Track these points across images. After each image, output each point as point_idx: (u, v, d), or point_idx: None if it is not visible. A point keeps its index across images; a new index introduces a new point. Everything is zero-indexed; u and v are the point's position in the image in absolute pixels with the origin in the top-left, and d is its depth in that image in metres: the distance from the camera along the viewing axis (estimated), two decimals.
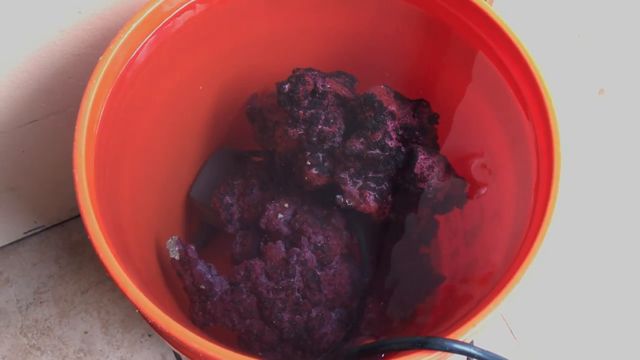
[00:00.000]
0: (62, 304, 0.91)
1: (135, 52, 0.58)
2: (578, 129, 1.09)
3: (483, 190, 0.69)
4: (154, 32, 0.59)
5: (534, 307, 0.92)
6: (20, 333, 0.89)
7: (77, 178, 0.50)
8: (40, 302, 0.91)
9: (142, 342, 0.89)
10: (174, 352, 0.70)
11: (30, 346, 0.88)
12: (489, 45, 0.61)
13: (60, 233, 0.97)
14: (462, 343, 0.44)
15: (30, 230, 0.95)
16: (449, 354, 0.47)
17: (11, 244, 0.95)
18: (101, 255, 0.47)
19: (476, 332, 0.46)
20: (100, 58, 0.55)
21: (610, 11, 1.07)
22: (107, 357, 0.88)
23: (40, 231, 0.96)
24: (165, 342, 0.87)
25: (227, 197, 0.72)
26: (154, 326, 0.48)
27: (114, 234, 0.52)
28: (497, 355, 0.45)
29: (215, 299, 0.61)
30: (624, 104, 1.11)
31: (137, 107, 0.62)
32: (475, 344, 0.56)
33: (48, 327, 0.90)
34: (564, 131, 0.55)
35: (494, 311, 0.47)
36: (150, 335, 0.89)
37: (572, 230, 0.98)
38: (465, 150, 0.71)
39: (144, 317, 0.50)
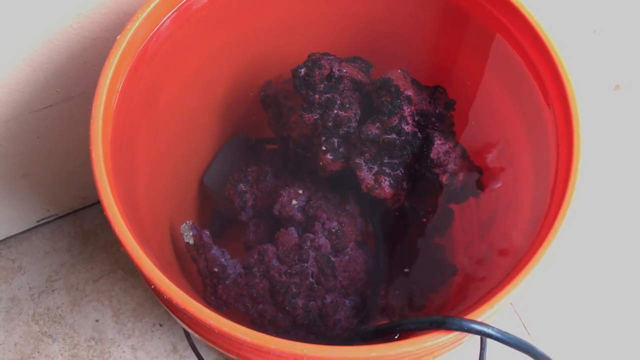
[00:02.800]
0: (73, 293, 0.91)
1: (154, 31, 0.58)
2: (594, 124, 1.08)
3: (498, 184, 0.68)
4: (172, 12, 0.59)
5: (549, 303, 0.91)
6: (32, 320, 0.89)
7: (93, 155, 0.49)
8: (52, 290, 0.92)
9: (153, 331, 0.89)
10: (186, 335, 0.70)
11: (42, 333, 0.88)
12: (508, 29, 0.60)
13: (73, 222, 0.97)
14: (481, 323, 0.44)
15: (43, 219, 0.95)
16: (465, 336, 0.47)
17: (24, 232, 0.96)
18: (118, 232, 0.47)
19: (493, 313, 0.45)
20: (119, 36, 0.55)
21: (626, 7, 1.06)
22: (118, 345, 0.87)
23: (53, 220, 0.96)
24: (177, 328, 0.87)
25: (241, 184, 0.72)
26: (168, 303, 0.48)
27: (131, 215, 0.52)
28: (514, 336, 0.44)
29: (228, 281, 0.61)
30: None
31: (154, 88, 0.62)
32: (488, 342, 0.56)
33: (60, 315, 0.90)
34: (582, 131, 0.55)
35: (511, 293, 0.46)
36: (161, 325, 0.89)
37: (588, 226, 0.97)
38: (482, 138, 0.70)
39: (158, 296, 0.50)
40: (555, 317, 0.90)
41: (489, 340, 0.57)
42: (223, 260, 0.62)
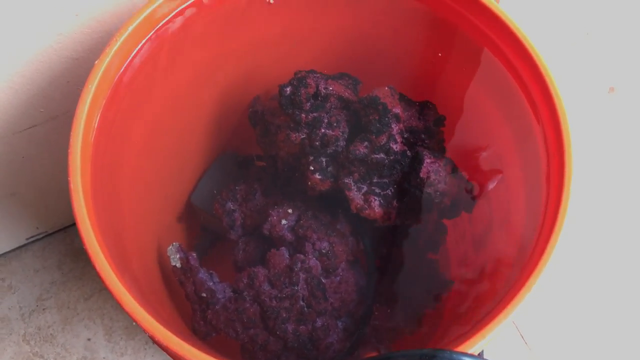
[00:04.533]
0: (65, 311, 0.90)
1: (133, 54, 0.56)
2: (588, 127, 1.07)
3: (493, 201, 0.67)
4: (151, 33, 0.57)
5: (547, 314, 0.90)
6: (23, 340, 0.88)
7: (72, 186, 0.48)
8: (43, 309, 0.90)
9: (146, 349, 0.87)
10: None
11: (33, 354, 0.87)
12: (496, 44, 0.59)
13: (63, 239, 0.96)
14: (471, 356, 0.43)
15: (32, 236, 0.94)
16: None
17: (14, 250, 0.94)
18: (97, 266, 0.46)
19: (486, 343, 0.44)
20: (97, 61, 0.53)
21: (619, 9, 1.05)
22: None
23: (43, 237, 0.95)
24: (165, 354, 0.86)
25: (230, 203, 0.71)
26: (152, 339, 0.47)
27: (112, 244, 0.51)
28: None
29: (218, 306, 0.59)
30: (635, 102, 1.09)
31: (135, 111, 0.60)
32: (486, 352, 0.55)
33: (51, 334, 0.89)
34: (574, 130, 0.54)
35: (504, 322, 0.45)
36: (154, 343, 0.88)
37: (583, 232, 0.96)
38: (473, 152, 0.69)
39: (143, 330, 0.49)
40: (552, 327, 0.89)
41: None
42: (211, 284, 0.61)
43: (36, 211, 0.89)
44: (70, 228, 0.97)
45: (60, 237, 0.96)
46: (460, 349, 0.43)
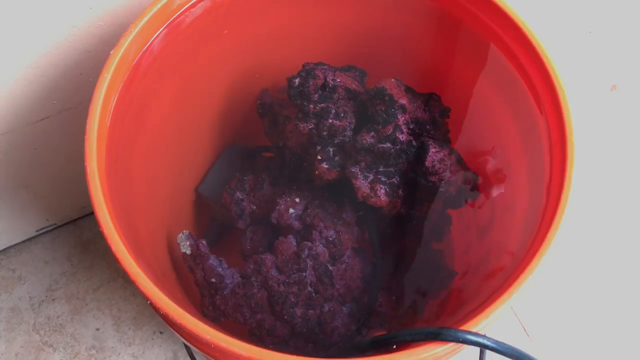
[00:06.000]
0: (74, 302, 0.92)
1: (147, 45, 0.58)
2: (591, 125, 1.08)
3: (497, 192, 0.68)
4: (165, 26, 0.59)
5: (548, 305, 0.91)
6: (32, 330, 0.90)
7: (88, 170, 0.50)
8: (53, 300, 0.92)
9: (153, 339, 0.89)
10: (185, 346, 0.70)
11: (42, 343, 0.89)
12: (501, 38, 0.61)
13: (73, 231, 0.97)
14: (476, 334, 0.44)
15: (42, 228, 0.95)
16: (462, 346, 0.47)
17: (24, 241, 0.96)
18: (113, 247, 0.47)
19: (489, 323, 0.46)
20: (112, 51, 0.55)
21: (623, 7, 1.06)
22: (119, 354, 0.88)
23: (53, 229, 0.97)
24: (177, 336, 0.87)
25: (238, 193, 0.72)
26: (165, 318, 0.48)
27: (126, 228, 0.52)
28: (510, 345, 0.44)
29: (226, 291, 0.61)
30: (637, 100, 1.10)
31: (148, 101, 0.62)
32: None
33: (60, 324, 0.90)
34: (576, 127, 0.55)
35: (507, 302, 0.46)
36: (161, 333, 0.89)
37: (586, 226, 0.98)
38: (477, 144, 0.70)
39: (155, 310, 0.50)
40: (554, 318, 0.91)
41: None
42: (220, 270, 0.62)
43: (47, 203, 0.91)
44: (79, 220, 0.98)
45: (69, 230, 0.97)
46: (464, 328, 0.45)
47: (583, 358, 0.87)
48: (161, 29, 0.59)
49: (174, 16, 0.60)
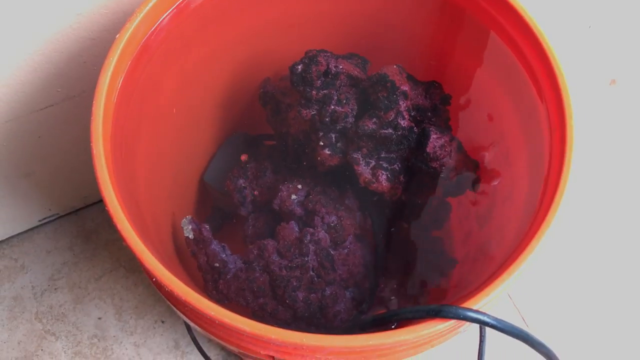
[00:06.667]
0: (76, 291, 0.92)
1: (152, 30, 0.58)
2: (590, 119, 1.08)
3: (495, 181, 0.69)
4: (170, 10, 0.59)
5: (546, 294, 0.92)
6: (35, 319, 0.90)
7: (94, 151, 0.50)
8: (55, 289, 0.92)
9: (155, 328, 0.89)
10: (188, 330, 0.71)
11: (45, 331, 0.89)
12: (502, 26, 0.61)
13: (75, 221, 0.98)
14: (476, 311, 0.44)
15: (45, 218, 0.96)
16: (462, 324, 0.47)
17: (26, 231, 0.97)
18: (119, 225, 0.48)
19: (489, 302, 0.46)
20: (118, 35, 0.55)
21: (622, 2, 1.07)
22: (121, 342, 0.88)
23: (55, 219, 0.97)
24: (179, 325, 0.88)
25: (241, 180, 0.73)
26: (169, 296, 0.49)
27: (132, 210, 0.53)
28: (509, 323, 0.45)
29: (229, 276, 0.61)
30: (636, 94, 1.11)
31: (153, 86, 0.62)
32: (486, 333, 0.56)
33: (62, 313, 0.91)
34: (575, 121, 0.55)
35: (506, 281, 0.47)
36: (163, 322, 0.90)
37: (584, 219, 0.98)
38: (478, 132, 0.71)
39: (159, 288, 0.51)
40: (552, 309, 0.91)
41: (488, 332, 0.58)
42: (223, 255, 0.63)
43: (49, 193, 0.91)
44: (81, 210, 0.99)
45: (71, 219, 0.98)
46: (465, 305, 0.45)
47: (581, 347, 0.88)
48: (167, 13, 0.59)
49: (179, 2, 0.60)
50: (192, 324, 0.52)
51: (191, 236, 0.64)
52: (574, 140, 0.53)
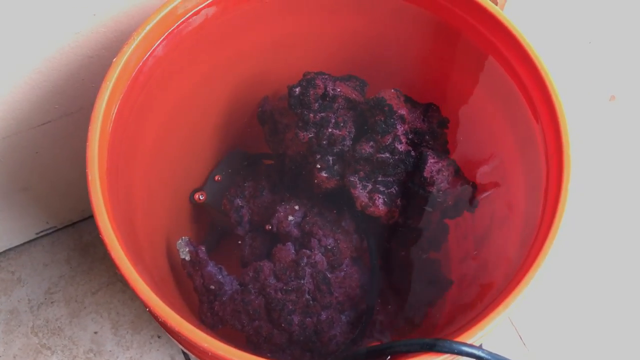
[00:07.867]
0: (72, 305, 0.92)
1: (149, 53, 0.58)
2: (589, 135, 1.08)
3: (494, 203, 0.69)
4: (167, 34, 0.59)
5: (544, 313, 0.92)
6: (31, 332, 0.90)
7: (89, 177, 0.50)
8: (52, 302, 0.92)
9: (151, 343, 0.89)
10: (182, 352, 0.71)
11: (41, 345, 0.89)
12: (499, 50, 0.61)
13: (72, 234, 0.98)
14: (471, 346, 0.44)
15: (42, 231, 0.96)
16: (456, 357, 0.47)
17: (23, 244, 0.96)
18: (113, 254, 0.48)
19: (485, 335, 0.46)
20: (114, 59, 0.55)
21: (622, 18, 1.07)
22: (117, 357, 0.88)
23: (52, 232, 0.97)
24: (175, 343, 0.88)
25: (238, 199, 0.73)
26: (163, 325, 0.48)
27: (126, 234, 0.53)
28: (505, 358, 0.45)
29: (225, 298, 0.61)
30: (636, 110, 1.10)
31: (149, 108, 0.62)
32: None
33: (59, 327, 0.90)
34: (575, 138, 0.55)
35: (502, 314, 0.47)
36: (159, 337, 0.90)
37: (583, 236, 0.98)
38: (475, 154, 0.71)
39: (153, 316, 0.51)
40: (550, 327, 0.91)
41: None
42: (220, 277, 0.63)
43: (46, 206, 0.91)
44: (79, 223, 0.99)
45: (69, 232, 0.98)
46: (460, 339, 0.45)
47: None
48: (164, 37, 0.59)
49: (177, 24, 0.60)
50: (186, 351, 0.52)
51: (187, 258, 0.63)
52: (571, 170, 0.53)
